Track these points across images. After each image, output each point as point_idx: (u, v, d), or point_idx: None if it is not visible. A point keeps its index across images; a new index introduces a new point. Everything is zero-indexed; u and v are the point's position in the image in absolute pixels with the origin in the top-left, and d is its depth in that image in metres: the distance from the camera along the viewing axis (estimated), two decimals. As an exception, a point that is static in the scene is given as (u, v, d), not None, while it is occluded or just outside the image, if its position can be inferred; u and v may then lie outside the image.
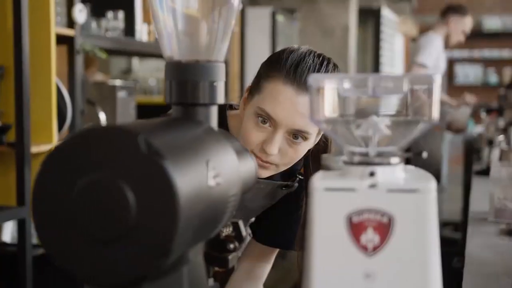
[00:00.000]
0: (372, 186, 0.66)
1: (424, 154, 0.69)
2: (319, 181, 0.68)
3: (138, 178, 0.59)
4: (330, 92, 0.70)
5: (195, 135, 0.71)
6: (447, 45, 4.48)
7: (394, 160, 0.69)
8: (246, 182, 0.81)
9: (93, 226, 0.60)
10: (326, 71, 1.27)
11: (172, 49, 0.79)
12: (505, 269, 1.44)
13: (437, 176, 4.46)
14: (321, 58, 1.29)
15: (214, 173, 0.68)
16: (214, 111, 0.79)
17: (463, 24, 4.45)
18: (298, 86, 1.24)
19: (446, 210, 5.76)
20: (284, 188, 1.44)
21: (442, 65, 4.48)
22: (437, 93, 0.67)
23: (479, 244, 1.65)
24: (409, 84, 0.68)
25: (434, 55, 4.33)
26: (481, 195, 2.28)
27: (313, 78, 0.69)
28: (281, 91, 1.25)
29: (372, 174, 0.67)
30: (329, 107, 0.70)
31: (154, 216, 0.59)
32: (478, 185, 2.63)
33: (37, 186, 0.62)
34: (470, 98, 4.52)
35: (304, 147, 1.30)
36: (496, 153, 2.86)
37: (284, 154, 1.28)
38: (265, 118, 1.26)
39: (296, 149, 1.29)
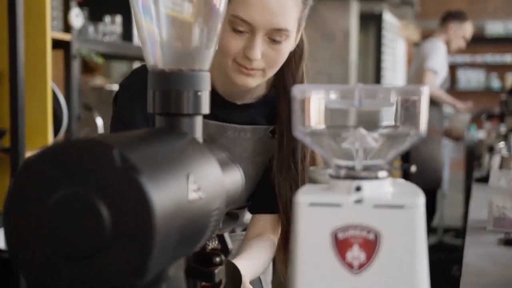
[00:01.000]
0: (358, 201, 0.64)
1: (413, 168, 0.66)
2: (303, 195, 0.65)
3: (113, 193, 0.57)
4: (316, 103, 0.67)
5: (176, 147, 0.69)
6: (448, 51, 4.48)
7: (382, 174, 0.67)
8: (231, 194, 0.78)
9: (66, 242, 0.58)
10: None
11: (156, 57, 0.77)
12: (503, 280, 1.42)
13: (438, 181, 4.43)
14: None
15: (195, 187, 0.65)
16: (198, 121, 0.76)
17: (463, 30, 4.44)
18: None
19: (448, 215, 5.73)
20: (271, 135, 1.41)
21: (445, 70, 4.48)
22: (425, 105, 0.65)
23: (477, 253, 1.63)
24: (396, 96, 0.65)
25: (440, 61, 4.33)
26: (481, 203, 2.25)
27: (298, 89, 0.67)
28: None
29: (358, 188, 0.65)
30: (314, 118, 0.67)
31: (129, 232, 0.57)
32: (478, 192, 2.60)
33: (9, 201, 0.59)
34: (471, 106, 4.53)
35: (286, 46, 1.27)
36: (496, 160, 2.84)
37: (267, 58, 1.26)
38: (240, 26, 1.24)
39: (278, 50, 1.26)
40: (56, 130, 2.59)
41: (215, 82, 1.35)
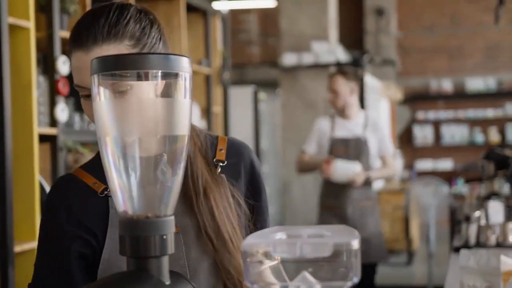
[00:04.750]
0: None
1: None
2: None
3: None
4: (263, 253, 0.77)
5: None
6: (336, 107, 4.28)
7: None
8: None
9: None
10: (107, 18, 1.21)
11: (126, 205, 0.86)
12: None
13: (382, 255, 4.33)
14: (101, 9, 1.22)
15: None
16: (165, 261, 0.86)
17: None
18: (93, 45, 1.20)
19: (437, 274, 5.75)
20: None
21: (325, 147, 4.22)
22: (358, 255, 0.75)
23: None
24: (332, 248, 0.75)
25: (314, 139, 4.22)
26: (458, 277, 2.30)
27: (247, 244, 0.76)
28: (77, 59, 1.21)
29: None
30: (264, 269, 0.77)
31: None
32: (455, 264, 2.65)
33: None
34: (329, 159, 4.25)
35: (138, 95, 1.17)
36: (473, 229, 2.91)
37: None
38: (82, 92, 1.21)
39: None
40: (44, 221, 2.65)
41: None
